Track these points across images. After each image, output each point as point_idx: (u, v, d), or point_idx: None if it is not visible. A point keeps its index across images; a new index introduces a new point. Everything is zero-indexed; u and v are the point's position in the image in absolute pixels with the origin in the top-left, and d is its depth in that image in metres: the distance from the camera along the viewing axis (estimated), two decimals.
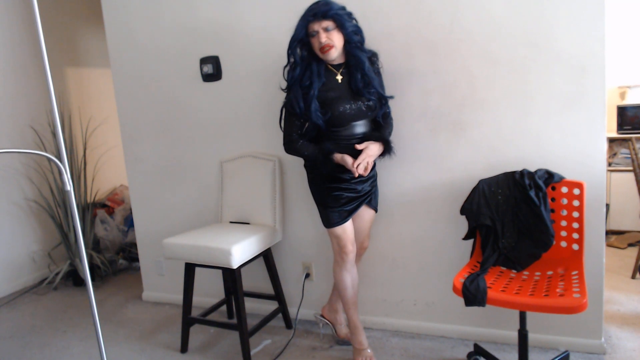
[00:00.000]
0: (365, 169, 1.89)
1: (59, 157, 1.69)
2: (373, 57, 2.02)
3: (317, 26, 1.86)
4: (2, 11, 3.33)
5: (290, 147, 2.02)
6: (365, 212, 2.12)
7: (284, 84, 2.02)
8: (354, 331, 2.13)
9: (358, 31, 1.94)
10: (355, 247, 2.10)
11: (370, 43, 2.06)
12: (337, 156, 1.93)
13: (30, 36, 3.49)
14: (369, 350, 2.11)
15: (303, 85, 1.92)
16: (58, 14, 3.78)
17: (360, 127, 1.98)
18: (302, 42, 1.91)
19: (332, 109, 1.91)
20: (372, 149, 1.92)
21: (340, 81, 1.96)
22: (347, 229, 2.03)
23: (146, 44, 2.75)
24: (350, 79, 1.95)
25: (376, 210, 2.17)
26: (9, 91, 3.36)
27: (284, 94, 2.02)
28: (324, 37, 1.85)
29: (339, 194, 1.99)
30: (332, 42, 1.87)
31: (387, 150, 1.98)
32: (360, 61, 1.91)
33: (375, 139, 1.96)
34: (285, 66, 2.00)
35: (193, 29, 2.61)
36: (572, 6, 1.89)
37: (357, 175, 1.89)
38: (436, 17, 2.10)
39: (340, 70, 1.97)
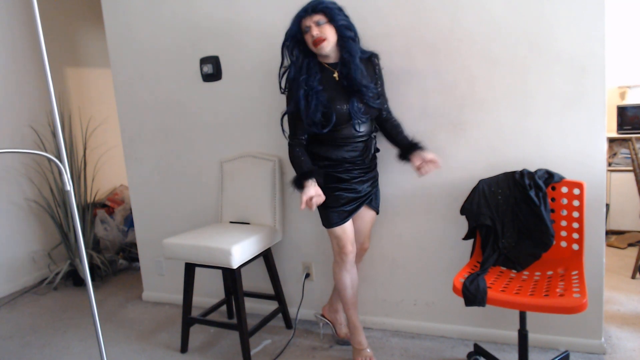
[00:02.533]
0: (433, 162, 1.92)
1: (59, 157, 1.69)
2: (374, 57, 2.02)
3: (309, 21, 1.87)
4: (2, 11, 3.32)
5: (290, 150, 2.00)
6: (365, 213, 2.12)
7: (283, 87, 2.02)
8: (354, 331, 2.13)
9: (350, 26, 1.93)
10: (355, 247, 2.10)
11: (369, 43, 2.06)
12: (307, 189, 1.87)
13: (30, 36, 3.49)
14: (368, 350, 2.11)
15: (300, 80, 1.90)
16: (58, 14, 3.78)
17: (358, 127, 1.97)
18: (297, 40, 1.92)
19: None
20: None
21: (336, 80, 1.95)
22: (347, 229, 2.03)
23: (146, 44, 2.75)
24: (345, 77, 1.94)
25: (377, 212, 2.17)
26: (9, 91, 3.36)
27: (284, 94, 2.02)
28: (315, 31, 1.86)
29: (339, 194, 1.99)
30: (324, 35, 1.86)
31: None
32: (351, 55, 1.90)
33: (409, 146, 1.99)
34: (280, 68, 2.00)
35: (193, 29, 2.61)
36: (572, 6, 1.89)
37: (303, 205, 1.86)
38: (436, 17, 2.09)
39: (337, 69, 1.96)
